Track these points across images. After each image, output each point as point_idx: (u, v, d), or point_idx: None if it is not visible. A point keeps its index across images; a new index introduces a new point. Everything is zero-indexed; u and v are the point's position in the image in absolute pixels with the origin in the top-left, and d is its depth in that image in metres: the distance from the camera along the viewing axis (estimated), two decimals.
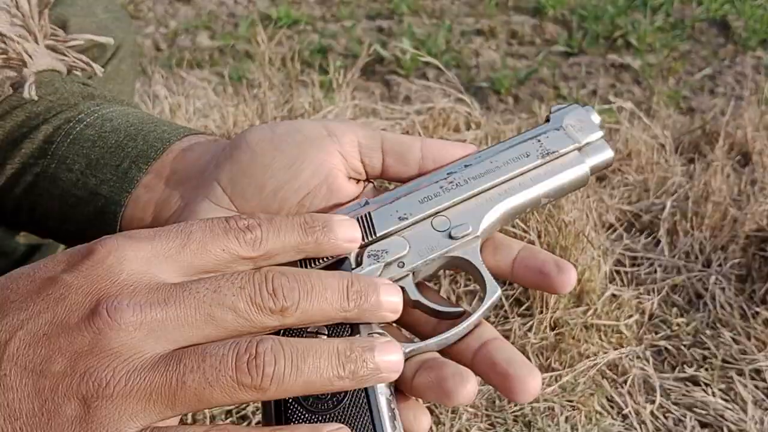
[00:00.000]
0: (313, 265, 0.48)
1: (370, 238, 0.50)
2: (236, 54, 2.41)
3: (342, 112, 1.67)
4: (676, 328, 1.32)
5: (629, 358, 1.26)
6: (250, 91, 1.71)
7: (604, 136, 0.55)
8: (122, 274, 0.38)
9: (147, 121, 0.61)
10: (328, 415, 0.43)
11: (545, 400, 1.19)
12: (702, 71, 2.34)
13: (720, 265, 1.40)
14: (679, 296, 1.38)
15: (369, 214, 0.51)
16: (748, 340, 1.28)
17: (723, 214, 1.45)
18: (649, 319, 1.33)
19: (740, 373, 1.24)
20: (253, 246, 0.43)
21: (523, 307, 1.30)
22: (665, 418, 1.19)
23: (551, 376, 1.22)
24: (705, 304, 1.35)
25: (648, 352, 1.28)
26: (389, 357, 0.41)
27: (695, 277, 1.39)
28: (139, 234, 0.41)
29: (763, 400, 1.20)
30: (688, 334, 1.31)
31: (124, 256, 0.39)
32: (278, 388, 0.38)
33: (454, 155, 0.54)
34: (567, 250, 1.30)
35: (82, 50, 0.72)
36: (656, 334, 1.31)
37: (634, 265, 1.43)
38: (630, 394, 1.22)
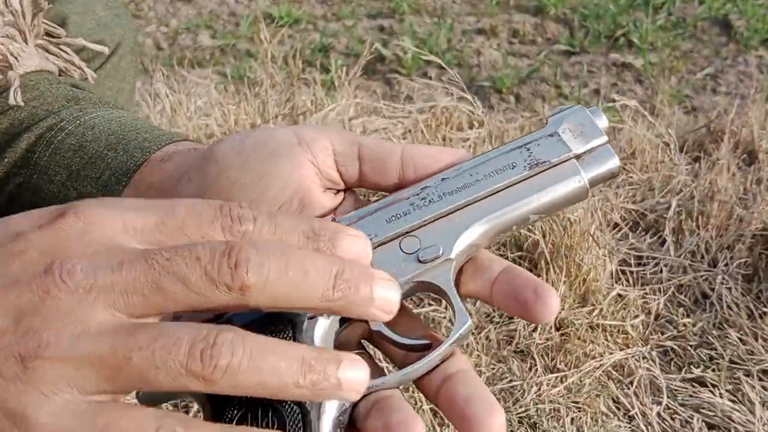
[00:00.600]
0: None
1: None
2: (237, 53, 2.40)
3: (344, 111, 1.66)
4: (683, 329, 1.31)
5: (635, 359, 1.25)
6: (252, 90, 1.70)
7: (608, 142, 0.49)
8: (85, 240, 0.36)
9: (129, 128, 0.60)
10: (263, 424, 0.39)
11: (551, 402, 1.18)
12: (704, 70, 2.34)
13: (726, 265, 1.39)
14: (686, 296, 1.36)
15: None
16: (756, 340, 1.27)
17: (729, 213, 1.44)
18: (655, 320, 1.32)
19: (748, 374, 1.22)
20: None
21: None
22: (672, 419, 1.18)
23: (557, 377, 1.21)
24: (711, 304, 1.34)
25: (654, 353, 1.27)
26: (353, 375, 0.36)
27: (701, 276, 1.38)
28: (117, 203, 0.39)
29: None
30: (695, 335, 1.30)
31: (93, 222, 0.37)
32: (228, 382, 0.34)
33: (440, 162, 0.49)
34: (572, 249, 1.29)
35: (79, 49, 0.71)
36: (662, 334, 1.30)
37: (639, 265, 1.41)
38: (636, 395, 1.21)
